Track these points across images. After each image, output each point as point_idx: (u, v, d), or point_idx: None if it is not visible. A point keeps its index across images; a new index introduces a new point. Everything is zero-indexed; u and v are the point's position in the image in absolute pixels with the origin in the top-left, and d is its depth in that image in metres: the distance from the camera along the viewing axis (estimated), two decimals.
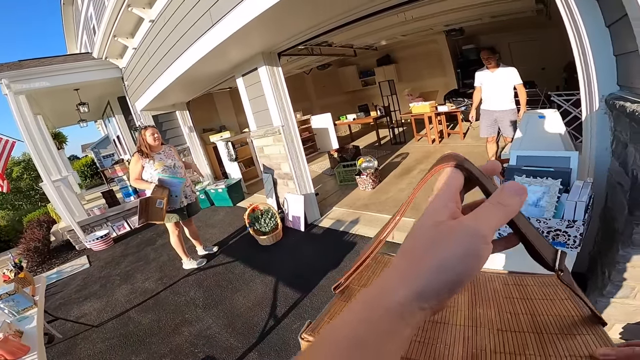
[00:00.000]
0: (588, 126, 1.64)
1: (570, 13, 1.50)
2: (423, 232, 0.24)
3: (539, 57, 6.40)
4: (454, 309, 0.51)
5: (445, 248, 0.23)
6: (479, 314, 0.49)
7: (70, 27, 8.66)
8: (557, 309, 0.47)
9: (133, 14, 3.81)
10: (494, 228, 0.23)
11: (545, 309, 0.47)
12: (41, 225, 6.42)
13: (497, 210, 0.24)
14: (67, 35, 9.14)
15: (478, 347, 0.42)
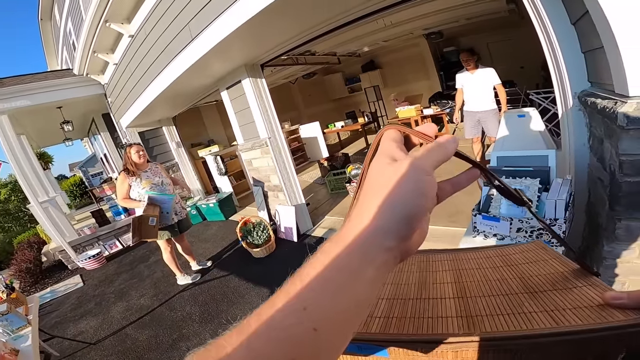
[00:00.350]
0: (565, 123, 1.67)
1: (537, 11, 1.52)
2: (378, 172, 0.27)
3: (517, 56, 6.54)
4: (441, 284, 0.50)
5: (396, 185, 0.25)
6: (466, 285, 0.49)
7: (50, 42, 8.55)
8: (545, 269, 0.46)
9: (112, 30, 3.79)
10: (434, 163, 0.27)
11: (532, 271, 0.46)
12: (31, 246, 6.45)
13: (437, 149, 0.28)
14: (47, 51, 9.02)
15: (473, 314, 0.41)
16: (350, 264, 0.23)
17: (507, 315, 0.38)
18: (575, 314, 0.34)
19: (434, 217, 3.18)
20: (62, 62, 7.91)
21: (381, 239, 0.24)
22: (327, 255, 0.24)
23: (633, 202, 1.21)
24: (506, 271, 0.49)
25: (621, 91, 1.10)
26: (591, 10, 1.12)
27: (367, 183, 0.27)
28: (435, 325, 0.41)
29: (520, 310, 0.38)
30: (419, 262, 0.60)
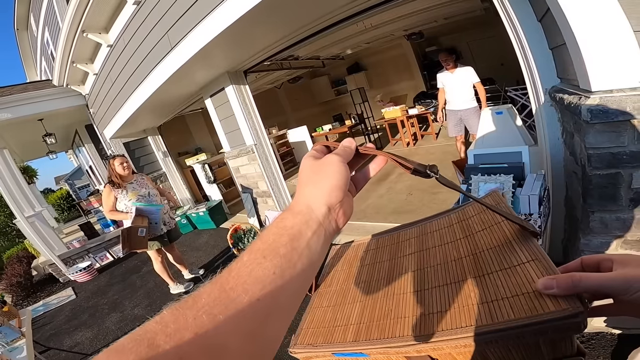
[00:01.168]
0: (539, 119, 1.71)
1: (505, 9, 1.56)
2: (307, 166, 0.38)
3: (496, 53, 6.67)
4: (405, 275, 0.56)
5: (322, 170, 0.36)
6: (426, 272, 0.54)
7: (28, 53, 8.37)
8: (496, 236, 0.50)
9: (89, 40, 3.74)
10: (344, 157, 0.38)
11: (485, 241, 0.50)
12: (21, 260, 6.39)
13: (344, 149, 0.40)
14: (25, 62, 8.83)
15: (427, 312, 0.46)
16: (295, 225, 0.32)
17: (454, 310, 0.43)
18: (511, 304, 0.37)
19: (421, 216, 3.22)
20: (42, 73, 7.76)
21: (314, 211, 0.34)
22: (279, 223, 0.33)
23: (604, 195, 1.24)
24: (463, 245, 0.54)
25: (585, 86, 1.13)
26: (552, 7, 1.16)
27: (301, 174, 0.38)
28: (398, 327, 0.47)
29: (466, 303, 0.42)
30: (390, 247, 0.67)
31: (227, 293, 0.26)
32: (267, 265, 0.28)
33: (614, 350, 1.46)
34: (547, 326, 0.33)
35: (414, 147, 6.19)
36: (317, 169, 0.36)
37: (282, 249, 0.30)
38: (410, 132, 6.29)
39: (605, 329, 1.55)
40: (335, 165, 0.36)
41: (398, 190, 4.28)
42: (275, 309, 0.28)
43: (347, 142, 0.41)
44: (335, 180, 0.35)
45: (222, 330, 0.24)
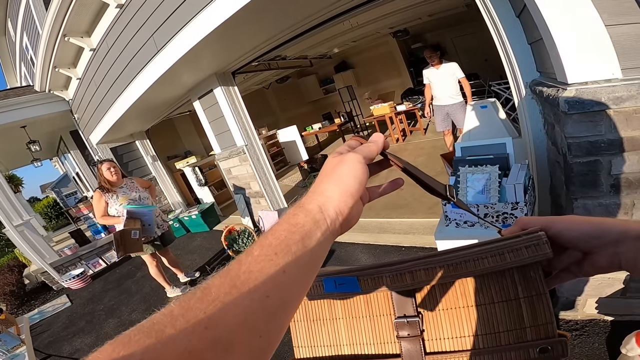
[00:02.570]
0: (521, 111, 1.77)
1: (485, 6, 1.61)
2: (328, 162, 0.37)
3: (480, 49, 6.79)
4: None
5: (338, 169, 0.35)
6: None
7: (7, 58, 8.15)
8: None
9: (71, 44, 3.66)
10: (367, 155, 0.37)
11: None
12: (12, 269, 6.26)
13: (369, 145, 0.39)
14: (4, 68, 8.60)
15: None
16: (304, 227, 0.31)
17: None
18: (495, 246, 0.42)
19: (414, 211, 3.27)
20: (22, 79, 7.55)
21: (324, 212, 0.33)
22: (290, 219, 0.32)
23: (585, 182, 1.30)
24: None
25: (562, 79, 1.19)
26: (528, 3, 1.21)
27: (324, 168, 0.37)
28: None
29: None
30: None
31: (238, 288, 0.26)
32: (279, 262, 0.28)
33: (607, 337, 1.50)
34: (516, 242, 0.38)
35: (403, 143, 6.27)
36: (335, 167, 0.36)
37: (293, 247, 0.30)
38: (399, 128, 6.37)
39: (598, 315, 1.58)
40: (352, 166, 0.35)
41: None
42: (281, 306, 0.28)
43: (376, 137, 0.40)
44: (348, 184, 0.34)
45: (231, 326, 0.24)
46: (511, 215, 1.32)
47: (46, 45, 3.89)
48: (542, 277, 0.40)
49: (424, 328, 0.46)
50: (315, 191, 0.35)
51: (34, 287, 5.78)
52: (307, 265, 0.31)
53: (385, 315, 0.49)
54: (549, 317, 0.40)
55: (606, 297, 1.53)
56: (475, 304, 0.44)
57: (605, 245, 0.36)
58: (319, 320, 0.53)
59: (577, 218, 0.40)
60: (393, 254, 2.76)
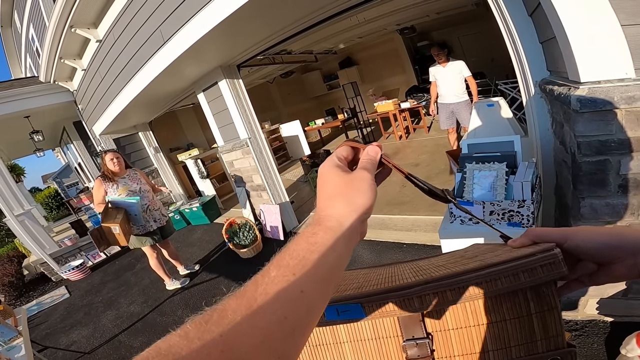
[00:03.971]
0: (529, 110, 1.76)
1: (496, 4, 1.61)
2: (336, 178, 0.37)
3: (487, 48, 6.76)
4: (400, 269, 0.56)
5: (355, 186, 0.36)
6: (419, 263, 0.56)
7: (12, 50, 8.14)
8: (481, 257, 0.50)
9: (78, 35, 3.65)
10: (372, 170, 0.38)
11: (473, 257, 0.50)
12: (11, 260, 6.24)
13: (369, 160, 0.39)
14: (10, 59, 8.60)
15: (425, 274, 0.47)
16: (326, 241, 0.31)
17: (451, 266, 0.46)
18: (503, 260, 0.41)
19: (416, 207, 3.28)
20: (27, 70, 7.55)
21: (345, 221, 0.34)
22: (309, 238, 0.32)
23: (593, 181, 1.30)
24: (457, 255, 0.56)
25: (574, 78, 1.18)
26: (542, 2, 1.20)
27: (328, 185, 0.37)
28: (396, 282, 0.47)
29: (462, 265, 0.45)
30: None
31: (255, 311, 0.25)
32: (297, 283, 0.28)
33: (607, 338, 1.50)
34: (531, 261, 0.37)
35: (406, 140, 6.26)
36: (349, 184, 0.36)
37: (311, 267, 0.29)
38: (402, 126, 6.36)
39: (598, 316, 1.59)
40: (368, 184, 0.36)
41: (392, 182, 4.33)
42: (299, 326, 0.28)
43: (373, 153, 0.40)
44: (368, 199, 0.35)
45: (248, 348, 0.24)
46: (517, 213, 1.32)
47: (52, 37, 3.87)
48: (554, 293, 0.40)
49: (434, 348, 0.46)
50: (332, 206, 0.35)
51: (33, 278, 5.77)
52: (325, 283, 0.31)
53: (392, 337, 0.48)
54: (559, 329, 0.40)
55: (607, 297, 1.54)
56: (486, 322, 0.43)
57: (625, 256, 0.36)
58: (322, 346, 0.52)
59: (594, 229, 0.39)
60: (394, 250, 2.77)
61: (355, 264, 2.78)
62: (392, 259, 2.65)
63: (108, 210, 2.77)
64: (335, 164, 0.39)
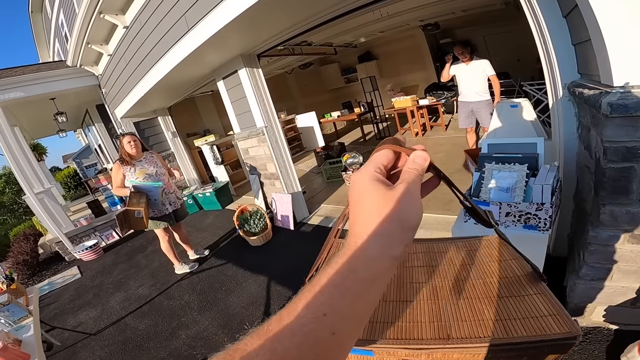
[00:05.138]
0: (555, 113, 1.72)
1: (530, 5, 1.57)
2: (376, 194, 0.31)
3: (513, 48, 6.57)
4: (416, 284, 0.56)
5: (399, 204, 0.30)
6: (438, 285, 0.54)
7: (41, 35, 8.39)
8: (504, 270, 0.52)
9: (106, 21, 3.74)
10: (418, 184, 0.32)
11: (494, 270, 0.52)
12: (27, 238, 6.33)
13: (416, 171, 0.33)
14: (39, 44, 8.85)
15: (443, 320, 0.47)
16: (366, 273, 0.27)
17: (470, 322, 0.45)
18: (522, 325, 0.42)
19: (429, 206, 3.26)
20: (54, 54, 7.77)
21: (390, 250, 0.28)
22: (342, 264, 0.27)
23: (616, 188, 1.27)
24: (472, 270, 0.55)
25: (606, 81, 1.15)
26: (580, 4, 1.17)
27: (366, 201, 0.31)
28: (412, 330, 0.47)
29: (481, 317, 0.45)
30: None
31: (280, 355, 0.23)
32: (328, 324, 0.25)
33: (609, 345, 1.49)
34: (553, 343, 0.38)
35: (422, 137, 6.18)
36: (393, 203, 0.30)
37: (346, 307, 0.26)
38: (419, 123, 6.28)
39: (603, 324, 1.58)
40: (416, 202, 0.31)
41: None
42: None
43: (421, 160, 0.33)
44: (416, 221, 0.30)
45: None
46: (534, 216, 1.31)
47: (82, 22, 3.98)
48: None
49: None
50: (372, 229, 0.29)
51: (47, 257, 5.83)
52: (359, 323, 0.27)
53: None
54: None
55: (615, 305, 1.52)
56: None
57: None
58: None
59: None
60: None
61: None
62: None
63: (132, 195, 2.85)
64: (374, 177, 0.33)
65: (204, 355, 2.25)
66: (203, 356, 2.25)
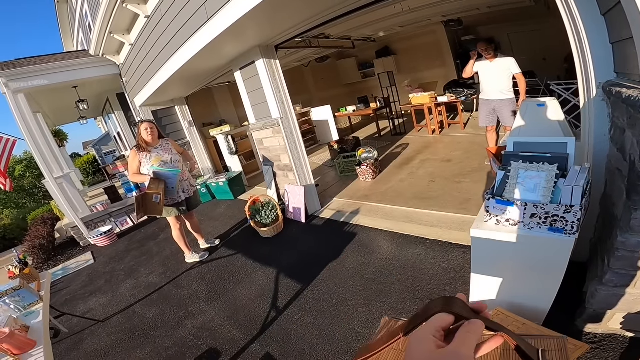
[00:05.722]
0: (586, 113, 1.65)
1: (565, 3, 1.50)
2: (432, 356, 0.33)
3: (539, 47, 6.33)
4: None
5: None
6: None
7: (66, 25, 8.61)
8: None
9: (128, 10, 3.79)
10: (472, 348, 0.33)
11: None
12: (45, 222, 6.43)
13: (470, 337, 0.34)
14: (63, 34, 9.08)
15: None
16: None
17: None
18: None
19: (444, 204, 3.20)
20: (78, 44, 7.97)
21: None
22: None
23: None
24: None
25: None
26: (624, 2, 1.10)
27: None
28: None
29: None
30: None
31: None
32: None
33: (623, 353, 1.46)
34: None
35: (439, 135, 6.06)
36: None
37: None
38: (437, 120, 6.15)
39: (620, 331, 1.54)
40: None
41: (420, 175, 4.24)
42: None
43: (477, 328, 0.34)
44: None
45: None
46: (562, 219, 1.25)
47: (105, 11, 4.05)
48: None
49: None
50: None
51: (62, 242, 5.88)
52: None
53: None
54: None
55: (635, 312, 1.46)
56: None
57: None
58: None
59: None
60: (416, 245, 2.73)
61: (373, 254, 2.78)
62: (413, 254, 2.61)
63: (152, 180, 2.91)
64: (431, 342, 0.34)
65: (209, 346, 2.25)
66: (208, 347, 2.25)
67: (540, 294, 1.53)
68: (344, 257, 2.88)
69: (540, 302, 1.54)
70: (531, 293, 1.56)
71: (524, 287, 1.57)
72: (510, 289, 1.62)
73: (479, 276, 1.67)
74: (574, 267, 1.42)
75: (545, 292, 1.49)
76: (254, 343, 2.16)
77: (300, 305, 2.41)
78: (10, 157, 4.83)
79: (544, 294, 1.50)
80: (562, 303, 1.52)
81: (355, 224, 3.44)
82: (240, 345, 2.17)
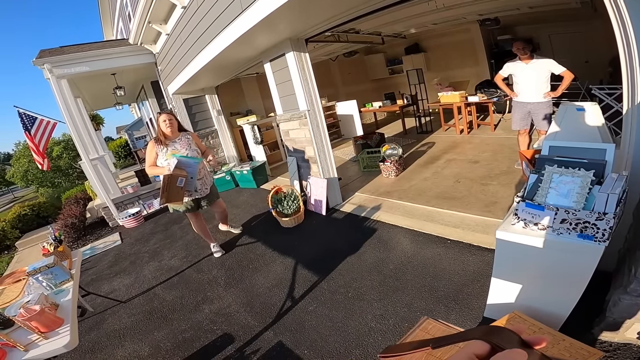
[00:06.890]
0: (629, 120, 1.57)
1: (616, 5, 1.44)
2: None
3: (582, 49, 5.98)
4: None
5: None
6: None
7: (107, 14, 9.01)
8: None
9: (166, 1, 3.94)
10: None
11: None
12: (78, 202, 6.78)
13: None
14: (104, 23, 9.52)
15: None
16: None
17: None
18: None
19: (468, 205, 3.14)
20: (117, 33, 8.33)
21: None
22: None
23: None
24: None
25: None
26: None
27: None
28: None
29: None
30: None
31: None
32: None
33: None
34: None
35: (467, 135, 5.89)
36: None
37: None
38: (466, 120, 5.98)
39: (635, 341, 1.50)
40: None
41: (445, 175, 4.16)
42: None
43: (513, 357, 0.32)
44: None
45: None
46: (593, 226, 1.21)
47: (145, 1, 4.24)
48: None
49: None
50: None
51: (92, 222, 6.11)
52: None
53: None
54: None
55: None
56: None
57: None
58: None
59: None
60: (437, 244, 2.70)
61: (392, 250, 2.78)
62: (432, 253, 2.59)
63: (174, 169, 2.82)
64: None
65: (224, 331, 2.30)
66: (223, 332, 2.30)
67: (560, 300, 1.50)
68: (362, 251, 2.89)
69: (559, 308, 1.52)
70: (551, 298, 1.53)
71: (544, 292, 1.54)
72: (530, 293, 1.59)
73: (499, 280, 1.65)
74: (598, 276, 1.38)
75: (567, 298, 1.47)
76: (267, 331, 2.20)
77: (316, 296, 2.44)
78: (49, 139, 5.20)
79: (565, 300, 1.48)
80: (580, 309, 1.49)
81: (375, 220, 3.44)
82: (254, 332, 2.21)
